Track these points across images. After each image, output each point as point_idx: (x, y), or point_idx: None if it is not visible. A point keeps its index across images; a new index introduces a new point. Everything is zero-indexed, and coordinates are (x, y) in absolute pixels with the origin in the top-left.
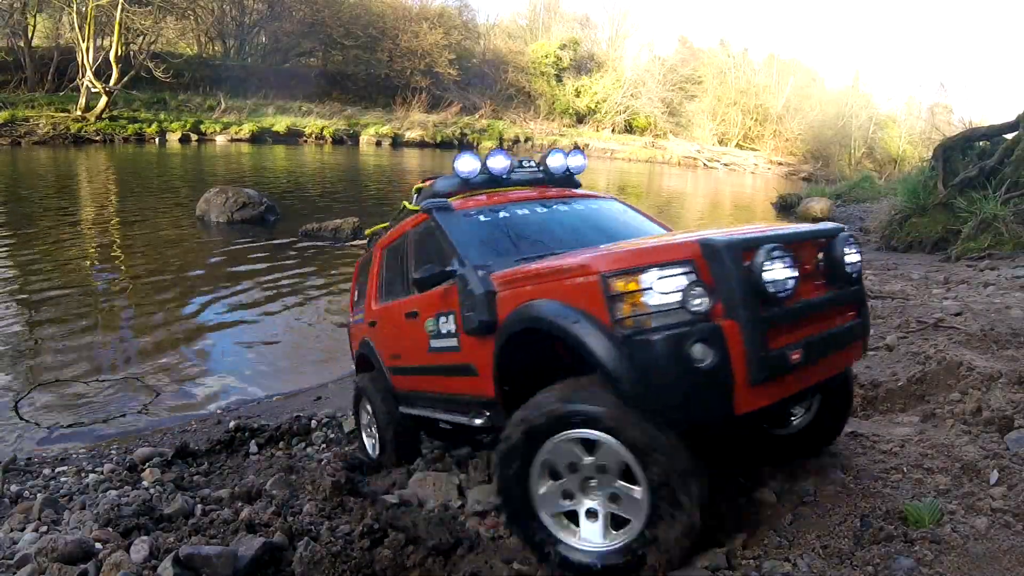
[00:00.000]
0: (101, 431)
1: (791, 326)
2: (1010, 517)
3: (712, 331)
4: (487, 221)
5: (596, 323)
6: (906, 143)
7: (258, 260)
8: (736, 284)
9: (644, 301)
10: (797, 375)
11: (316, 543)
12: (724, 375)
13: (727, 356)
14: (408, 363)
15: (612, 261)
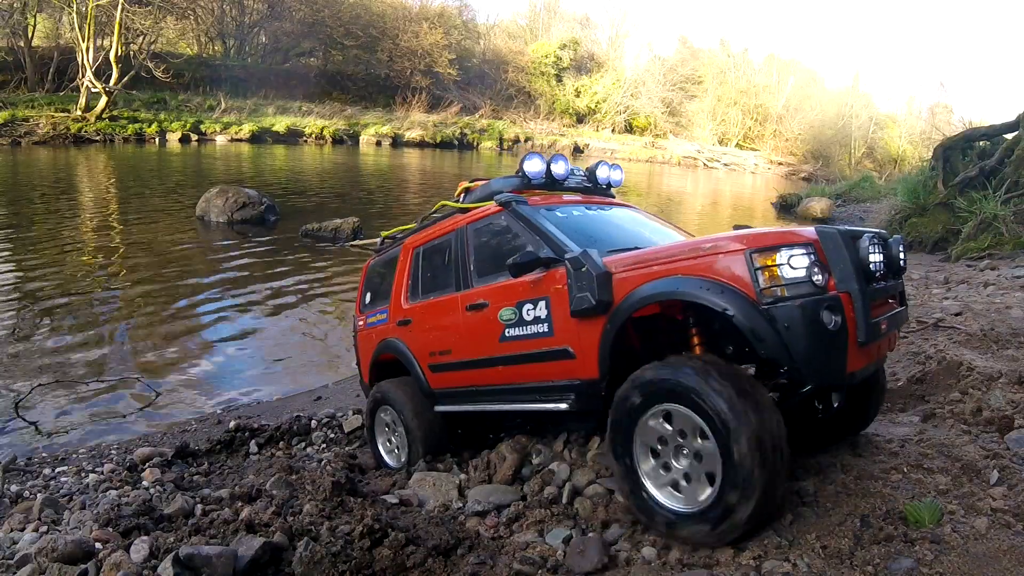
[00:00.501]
0: (101, 431)
1: (879, 302)
2: (1010, 517)
3: (835, 300)
4: (564, 217)
5: (740, 293)
6: (906, 143)
7: (258, 260)
8: (849, 263)
9: (781, 275)
10: (879, 345)
11: (316, 543)
12: (843, 337)
13: (845, 321)
14: (463, 357)
15: (754, 240)
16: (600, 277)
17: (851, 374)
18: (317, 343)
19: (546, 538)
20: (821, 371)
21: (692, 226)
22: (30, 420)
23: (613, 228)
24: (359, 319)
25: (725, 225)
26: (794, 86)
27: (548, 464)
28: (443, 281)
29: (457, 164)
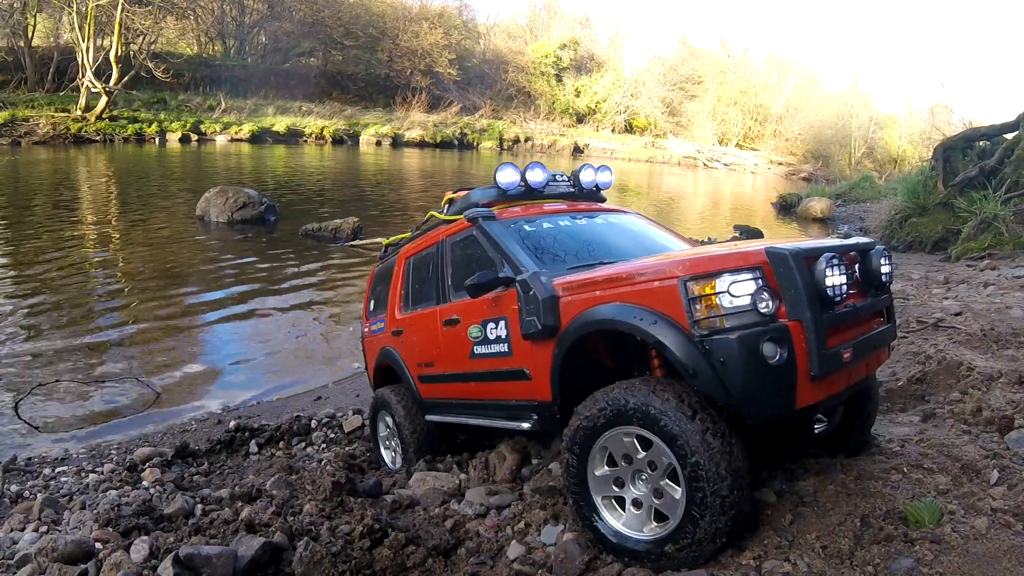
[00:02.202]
0: (101, 431)
1: (844, 328)
2: (1010, 517)
3: (781, 330)
4: (533, 231)
5: (674, 324)
6: (906, 143)
7: (258, 260)
8: (801, 288)
9: (719, 303)
10: (846, 373)
11: (316, 543)
12: (790, 371)
13: (793, 353)
14: (443, 370)
15: (689, 266)
16: (546, 302)
17: (806, 408)
18: (317, 343)
19: (542, 537)
20: (763, 408)
21: (692, 227)
22: (30, 420)
23: (591, 239)
24: (365, 325)
25: (725, 225)
26: (794, 86)
27: (547, 464)
28: (428, 294)
29: (457, 164)
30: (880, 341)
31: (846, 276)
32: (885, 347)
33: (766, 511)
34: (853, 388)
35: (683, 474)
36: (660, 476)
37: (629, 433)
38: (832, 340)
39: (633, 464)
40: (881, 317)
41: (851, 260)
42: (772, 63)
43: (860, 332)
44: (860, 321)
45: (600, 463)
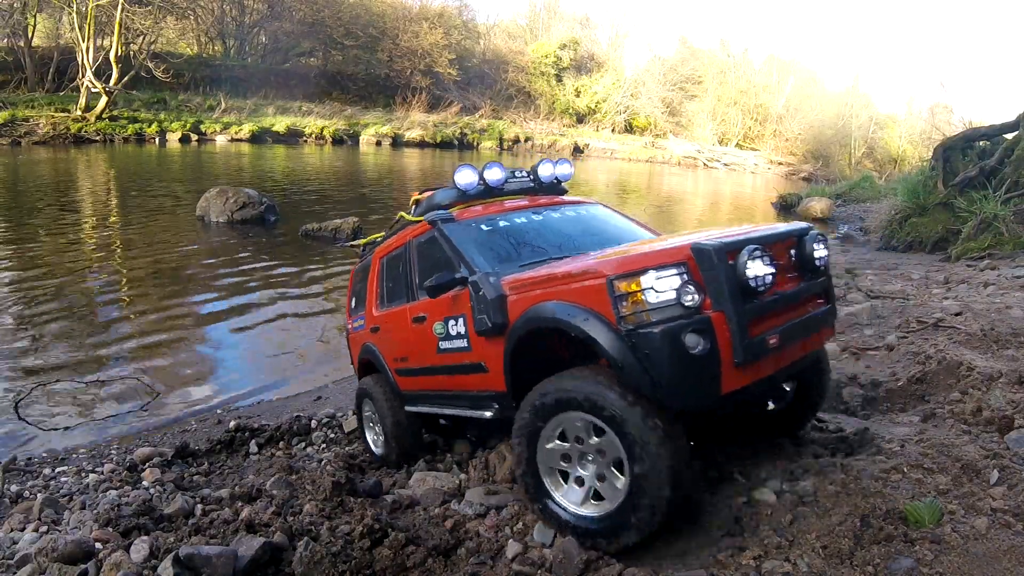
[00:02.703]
0: (101, 431)
1: (770, 315)
2: (1010, 517)
3: (702, 322)
4: (489, 230)
5: (603, 320)
6: (906, 143)
7: (258, 260)
8: (722, 281)
9: (645, 299)
10: (776, 357)
11: (316, 543)
12: (713, 360)
13: (715, 343)
14: (415, 364)
15: (616, 266)
16: (494, 301)
17: (731, 394)
18: (317, 343)
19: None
20: (688, 396)
21: (692, 226)
22: (30, 420)
23: (548, 234)
24: (348, 322)
25: (725, 225)
26: (794, 86)
27: None
28: (399, 292)
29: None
30: (816, 322)
31: (772, 265)
32: (824, 327)
33: (766, 511)
34: (790, 369)
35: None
36: (607, 463)
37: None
38: (757, 328)
39: (583, 446)
40: (820, 299)
41: (785, 247)
42: (772, 63)
43: (790, 317)
44: (790, 306)
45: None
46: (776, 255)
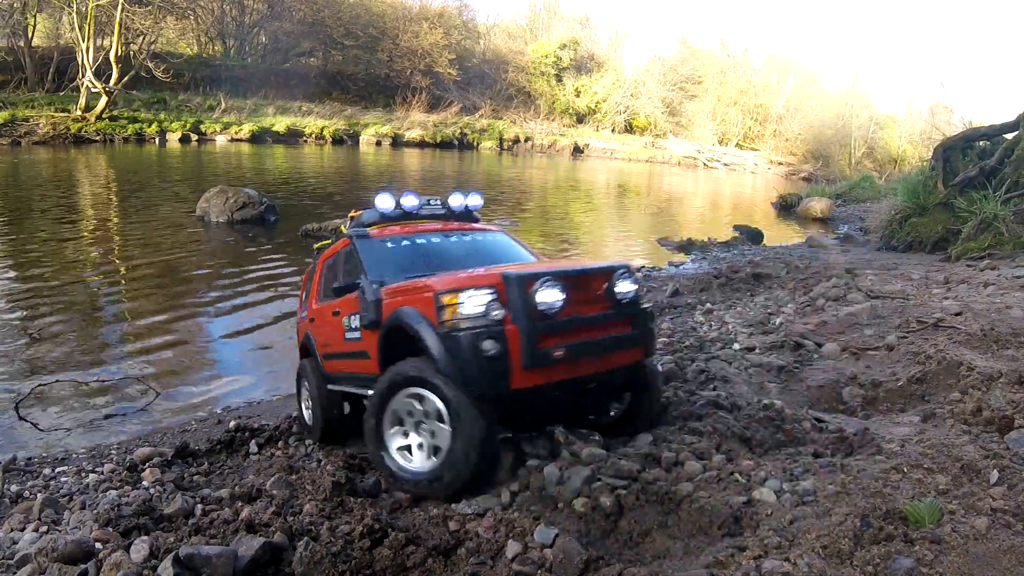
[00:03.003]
0: (101, 431)
1: (560, 333)
2: (1010, 517)
3: (498, 331)
4: (392, 247)
5: (430, 324)
6: (906, 143)
7: (258, 260)
8: (519, 303)
9: (460, 311)
10: (566, 367)
11: (316, 543)
12: (504, 361)
13: (507, 349)
14: (333, 350)
15: (444, 284)
16: (372, 303)
17: (520, 389)
18: None
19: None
20: (482, 385)
21: (692, 227)
22: (30, 420)
23: (442, 254)
24: (298, 312)
25: (725, 225)
26: (794, 86)
27: (545, 464)
28: (330, 290)
29: (457, 164)
30: (614, 343)
31: (565, 294)
32: (627, 349)
33: (766, 511)
34: (588, 379)
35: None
36: (433, 418)
37: (411, 394)
38: (546, 342)
39: (414, 416)
40: (624, 326)
41: (596, 281)
42: (772, 63)
43: (583, 337)
44: (585, 328)
45: (392, 423)
46: (583, 287)
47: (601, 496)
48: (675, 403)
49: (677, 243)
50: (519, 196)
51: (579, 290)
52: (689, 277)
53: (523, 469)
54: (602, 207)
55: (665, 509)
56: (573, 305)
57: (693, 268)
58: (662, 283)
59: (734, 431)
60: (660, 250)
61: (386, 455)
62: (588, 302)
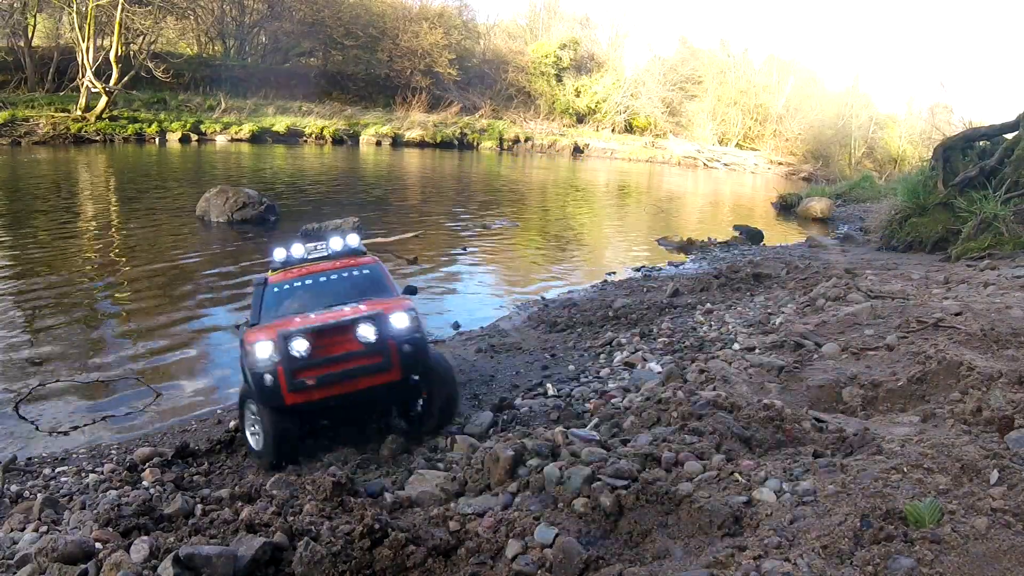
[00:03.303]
0: (101, 431)
1: (312, 368)
2: (1010, 517)
3: (273, 370)
4: (278, 291)
5: (245, 363)
6: (906, 143)
7: (258, 261)
8: (283, 350)
9: (255, 355)
10: (320, 390)
11: (316, 543)
12: (277, 387)
13: (278, 380)
14: None
15: (251, 337)
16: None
17: (294, 404)
18: None
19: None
20: (268, 401)
21: (693, 227)
22: (30, 420)
23: (320, 293)
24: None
25: (725, 225)
26: (794, 86)
27: (545, 464)
28: None
29: (457, 164)
30: (361, 372)
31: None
32: (371, 375)
33: (766, 511)
34: (341, 398)
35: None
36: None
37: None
38: (301, 375)
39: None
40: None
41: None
42: (772, 63)
43: (331, 370)
44: (333, 364)
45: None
46: (328, 335)
47: (601, 496)
48: (675, 403)
49: (677, 243)
50: (519, 196)
51: (325, 338)
52: (689, 277)
53: (523, 469)
54: (602, 207)
55: (665, 509)
56: (324, 349)
57: (693, 268)
58: (662, 283)
59: (734, 431)
60: (660, 250)
61: (248, 442)
62: (335, 344)
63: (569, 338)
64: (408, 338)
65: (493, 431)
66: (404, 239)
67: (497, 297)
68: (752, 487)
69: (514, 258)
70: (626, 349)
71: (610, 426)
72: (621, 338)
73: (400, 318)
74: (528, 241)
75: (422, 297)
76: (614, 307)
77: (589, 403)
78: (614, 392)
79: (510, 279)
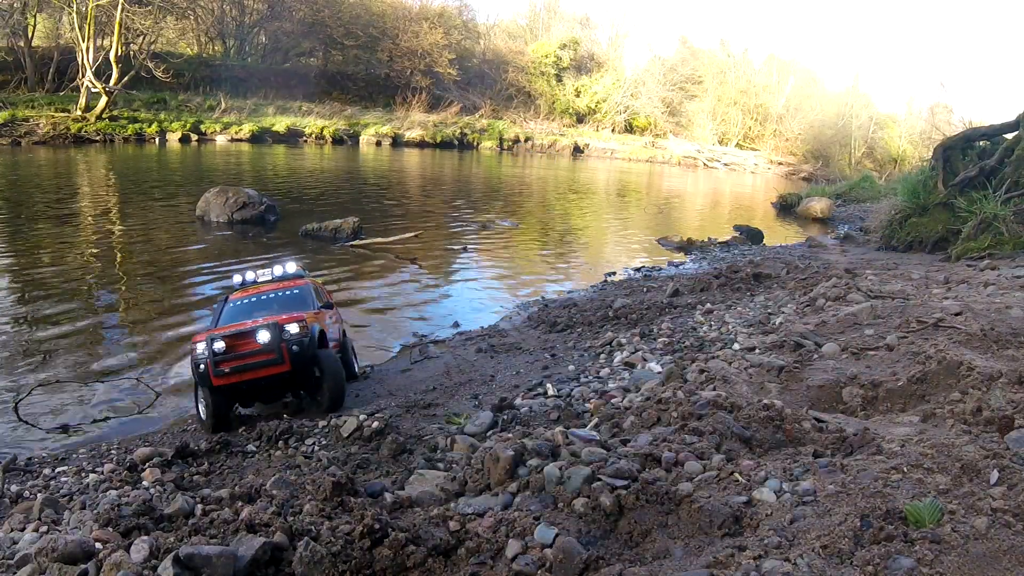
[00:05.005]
0: (101, 431)
1: (227, 361)
2: (1010, 517)
3: (204, 361)
4: (231, 306)
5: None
6: (906, 143)
7: (258, 261)
8: (208, 349)
9: (196, 351)
10: (234, 375)
11: (316, 543)
12: (207, 372)
13: (208, 367)
14: None
15: (197, 337)
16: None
17: (218, 386)
18: None
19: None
20: (201, 382)
21: (693, 227)
22: (30, 420)
23: (249, 309)
24: None
25: (725, 225)
26: (794, 86)
27: (545, 464)
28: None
29: (457, 164)
30: (259, 364)
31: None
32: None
33: (766, 511)
34: (252, 381)
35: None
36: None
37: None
38: (221, 365)
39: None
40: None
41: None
42: (772, 63)
43: (240, 363)
44: (241, 358)
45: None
46: (239, 337)
47: (601, 496)
48: (675, 403)
49: (677, 243)
50: (519, 196)
51: (235, 339)
52: (689, 277)
53: (523, 469)
54: (602, 207)
55: (665, 509)
56: (234, 347)
57: (693, 268)
58: (662, 283)
59: (734, 431)
60: (660, 250)
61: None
62: (243, 344)
63: (569, 338)
64: (296, 340)
65: (493, 431)
66: (404, 239)
67: (497, 297)
68: (752, 487)
69: (514, 258)
70: (626, 349)
71: (610, 426)
72: (621, 338)
73: (292, 327)
74: (528, 241)
75: (423, 297)
76: (614, 307)
77: (589, 403)
78: (614, 392)
79: (510, 279)
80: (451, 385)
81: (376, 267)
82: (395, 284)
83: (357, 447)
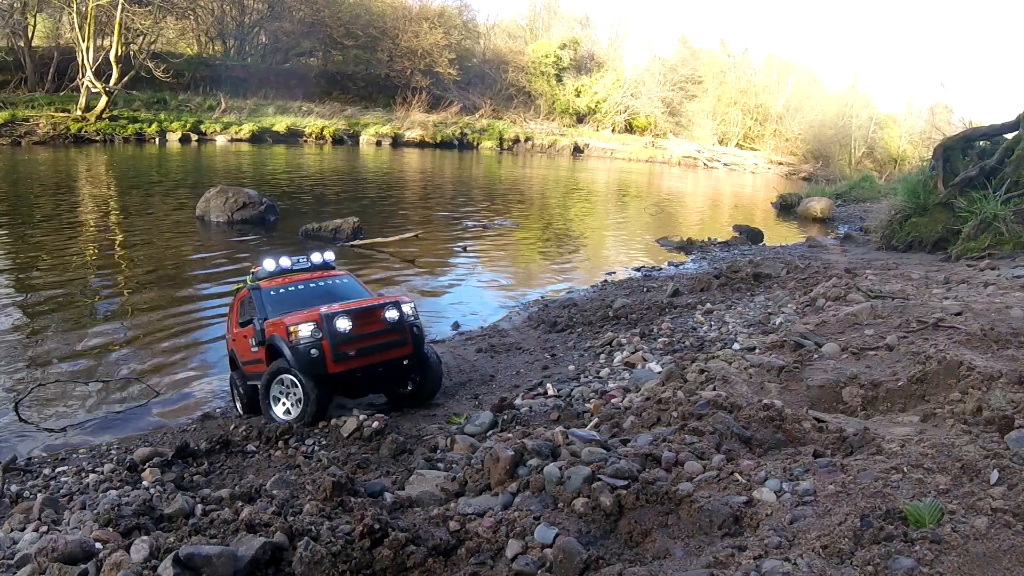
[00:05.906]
0: (101, 431)
1: (352, 342)
2: (1010, 517)
3: (319, 343)
4: (274, 294)
5: (285, 342)
6: (906, 143)
7: (258, 261)
8: (327, 328)
9: (299, 334)
10: (358, 360)
11: (316, 543)
12: (322, 358)
13: (324, 352)
14: (247, 359)
15: (292, 320)
16: (259, 331)
17: (335, 373)
18: None
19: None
20: (311, 370)
21: (692, 227)
22: (30, 420)
23: (309, 296)
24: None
25: (725, 225)
26: (794, 86)
27: (545, 464)
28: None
29: (457, 164)
30: (385, 346)
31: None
32: (392, 349)
33: (766, 511)
34: (374, 367)
35: (299, 384)
36: (295, 390)
37: (280, 379)
38: (344, 347)
39: (284, 387)
40: (392, 335)
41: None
42: (772, 63)
43: (365, 344)
44: (366, 339)
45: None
46: (363, 316)
47: (601, 496)
48: (675, 403)
49: (677, 243)
50: (519, 196)
51: (361, 318)
52: (689, 277)
53: (523, 469)
54: (602, 207)
55: (665, 509)
56: (359, 326)
57: (693, 268)
58: (662, 283)
59: (734, 431)
60: (660, 250)
61: (272, 413)
62: (369, 323)
63: (569, 338)
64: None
65: (493, 431)
66: (404, 239)
67: (497, 297)
68: (752, 487)
69: (514, 258)
70: (626, 349)
71: (610, 426)
72: (621, 338)
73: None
74: (528, 241)
75: (422, 297)
76: (614, 307)
77: (589, 403)
78: (614, 392)
79: (510, 279)
80: (451, 385)
81: (376, 267)
82: (395, 284)
83: (357, 447)
